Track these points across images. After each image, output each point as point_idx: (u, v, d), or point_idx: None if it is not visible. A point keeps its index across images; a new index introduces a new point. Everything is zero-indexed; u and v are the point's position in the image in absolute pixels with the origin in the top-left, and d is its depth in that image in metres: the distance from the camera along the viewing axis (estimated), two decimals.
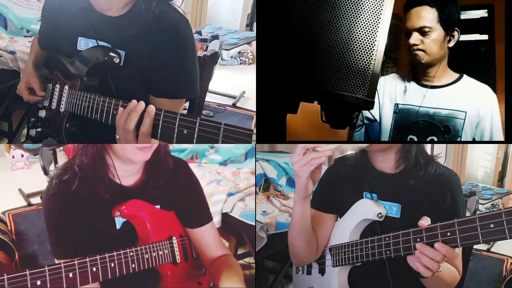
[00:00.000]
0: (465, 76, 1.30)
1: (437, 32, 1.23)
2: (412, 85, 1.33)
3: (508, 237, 0.76)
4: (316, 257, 1.20)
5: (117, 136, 1.01)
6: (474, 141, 1.27)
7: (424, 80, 1.32)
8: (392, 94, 1.35)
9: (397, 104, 1.34)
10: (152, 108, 0.97)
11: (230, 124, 0.85)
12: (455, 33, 1.25)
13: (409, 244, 0.92)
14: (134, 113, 0.98)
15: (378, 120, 1.36)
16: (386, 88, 1.37)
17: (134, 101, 0.99)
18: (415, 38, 1.24)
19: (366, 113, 1.37)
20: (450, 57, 1.30)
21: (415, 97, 1.32)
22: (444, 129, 1.27)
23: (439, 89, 1.30)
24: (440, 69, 1.28)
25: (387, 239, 0.99)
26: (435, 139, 1.28)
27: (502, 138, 1.27)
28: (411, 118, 1.31)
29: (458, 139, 1.27)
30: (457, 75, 1.30)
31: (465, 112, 1.25)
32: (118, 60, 1.15)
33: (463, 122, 1.26)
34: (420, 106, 1.30)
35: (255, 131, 0.82)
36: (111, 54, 1.15)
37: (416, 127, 1.30)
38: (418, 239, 0.90)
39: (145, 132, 0.96)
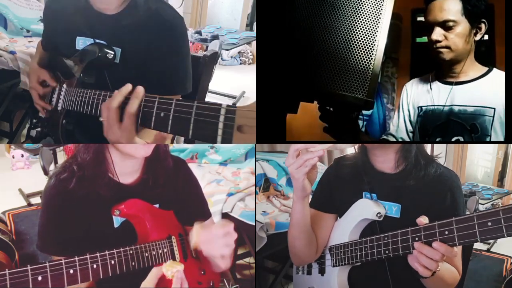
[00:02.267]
0: (494, 69, 1.19)
1: (462, 26, 1.12)
2: (436, 85, 1.24)
3: (505, 235, 0.76)
4: (316, 256, 1.20)
5: (100, 119, 0.95)
6: (473, 141, 1.24)
7: (449, 77, 1.22)
8: (416, 98, 1.28)
9: (420, 107, 1.26)
10: (140, 89, 0.90)
11: (203, 101, 0.79)
12: (482, 25, 1.14)
13: (407, 244, 0.92)
14: (118, 94, 0.93)
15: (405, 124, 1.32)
16: (409, 94, 1.30)
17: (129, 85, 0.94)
18: (437, 33, 1.13)
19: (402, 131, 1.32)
20: (477, 50, 1.19)
21: (440, 96, 1.23)
22: (470, 128, 1.18)
23: (464, 85, 1.20)
24: (467, 64, 1.18)
25: (385, 238, 0.99)
26: (461, 139, 1.20)
27: None
28: (436, 119, 1.22)
29: (488, 139, 1.16)
30: (485, 69, 1.20)
31: (494, 108, 1.14)
32: (112, 55, 1.16)
33: (492, 120, 1.15)
34: (444, 106, 1.21)
35: (224, 105, 0.74)
36: (105, 50, 1.16)
37: (441, 128, 1.21)
38: (417, 238, 0.90)
39: (130, 111, 0.88)
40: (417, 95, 1.29)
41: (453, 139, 1.21)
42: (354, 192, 1.14)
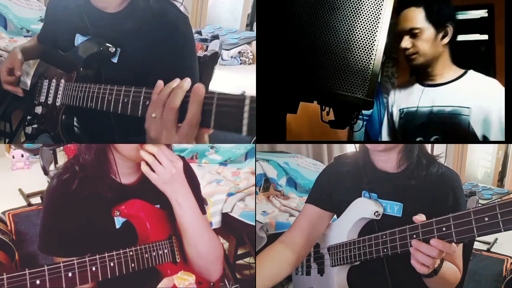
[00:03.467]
0: (470, 71, 1.25)
1: (428, 32, 1.20)
2: (416, 88, 1.31)
3: (502, 230, 0.76)
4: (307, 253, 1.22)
5: (153, 115, 0.83)
6: (474, 141, 1.25)
7: (428, 80, 1.29)
8: (398, 101, 1.35)
9: (402, 109, 1.33)
10: (200, 90, 0.78)
11: (223, 93, 0.78)
12: (448, 29, 1.20)
13: (405, 241, 0.93)
14: (179, 89, 0.82)
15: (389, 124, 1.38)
16: (392, 99, 1.37)
17: (177, 79, 0.85)
18: (405, 41, 1.22)
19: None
20: (454, 53, 1.25)
21: (420, 98, 1.29)
22: (448, 127, 1.23)
23: (442, 87, 1.26)
24: (440, 67, 1.25)
25: (384, 236, 0.99)
26: (439, 139, 1.25)
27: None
28: (416, 120, 1.29)
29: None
30: (462, 71, 1.26)
31: (469, 108, 1.20)
32: (114, 49, 1.16)
33: (468, 119, 1.20)
34: (423, 107, 1.28)
35: (247, 93, 0.75)
36: (107, 44, 1.16)
37: (421, 128, 1.27)
38: (414, 236, 0.90)
39: (193, 122, 0.78)
40: (400, 98, 1.35)
41: (432, 139, 1.26)
42: (354, 191, 1.14)
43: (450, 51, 1.25)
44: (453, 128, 1.22)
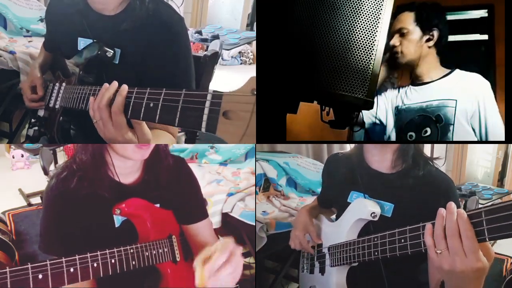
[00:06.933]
0: (456, 70, 1.36)
1: (415, 33, 1.31)
2: (408, 87, 1.41)
3: (487, 239, 0.71)
4: None
5: (94, 120, 0.95)
6: (474, 141, 1.27)
7: (417, 80, 1.39)
8: (392, 101, 1.44)
9: (396, 106, 1.42)
10: (124, 87, 0.91)
11: (192, 89, 0.80)
12: (434, 33, 1.31)
13: (405, 243, 0.90)
14: (106, 92, 0.93)
15: (385, 124, 1.45)
16: (388, 96, 1.45)
17: (106, 84, 0.95)
18: (394, 39, 1.33)
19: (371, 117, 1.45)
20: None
21: (411, 96, 1.39)
22: (435, 118, 1.33)
23: (430, 84, 1.36)
24: (425, 67, 1.35)
25: (375, 239, 0.98)
26: (429, 130, 1.34)
27: (499, 126, 1.28)
28: (408, 116, 1.38)
29: (451, 127, 1.31)
30: (447, 70, 1.36)
31: (455, 100, 1.29)
32: (112, 54, 1.17)
33: (454, 110, 1.31)
34: (413, 103, 1.37)
35: (211, 90, 0.75)
36: (105, 48, 1.17)
37: (413, 123, 1.37)
38: (403, 240, 0.89)
39: (115, 110, 0.90)
40: (392, 98, 1.44)
41: (423, 131, 1.36)
42: (346, 190, 1.15)
43: (438, 54, 1.35)
44: (440, 118, 1.32)
